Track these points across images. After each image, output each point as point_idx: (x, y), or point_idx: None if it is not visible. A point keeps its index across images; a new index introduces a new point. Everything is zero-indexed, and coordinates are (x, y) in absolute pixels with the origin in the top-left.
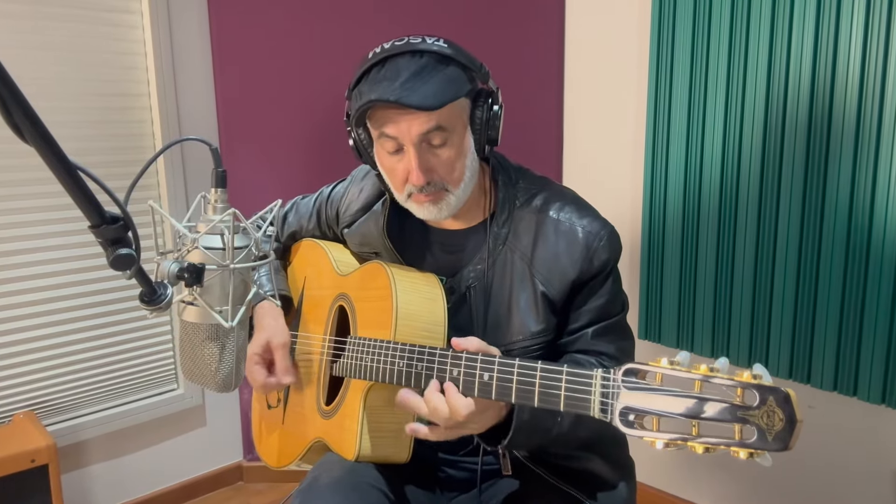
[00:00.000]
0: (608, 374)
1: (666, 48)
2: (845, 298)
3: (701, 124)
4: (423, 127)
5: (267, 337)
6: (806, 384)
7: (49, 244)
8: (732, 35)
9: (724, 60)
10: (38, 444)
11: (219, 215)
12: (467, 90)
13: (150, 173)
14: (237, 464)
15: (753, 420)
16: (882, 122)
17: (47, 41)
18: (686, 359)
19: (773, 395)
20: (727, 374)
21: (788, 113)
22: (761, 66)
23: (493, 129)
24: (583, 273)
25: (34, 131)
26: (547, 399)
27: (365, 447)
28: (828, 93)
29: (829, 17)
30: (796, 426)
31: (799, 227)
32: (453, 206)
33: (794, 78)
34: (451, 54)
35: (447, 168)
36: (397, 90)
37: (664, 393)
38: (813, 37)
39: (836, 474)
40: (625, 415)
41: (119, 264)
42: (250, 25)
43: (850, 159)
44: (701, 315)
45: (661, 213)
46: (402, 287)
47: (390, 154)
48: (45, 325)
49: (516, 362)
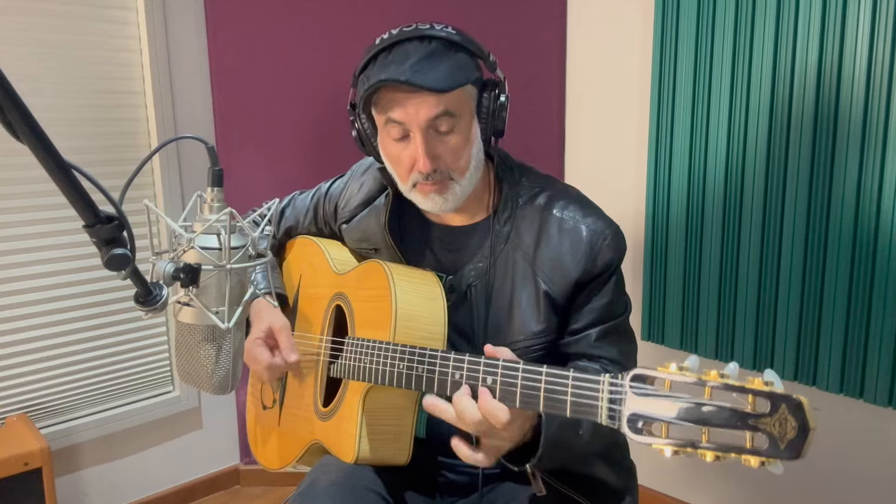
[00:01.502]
0: (616, 380)
1: (669, 44)
2: (851, 299)
3: (705, 120)
4: (431, 111)
5: (268, 323)
6: (811, 386)
7: (43, 244)
8: (737, 29)
9: (728, 54)
10: (32, 448)
11: (215, 215)
12: (475, 77)
13: (146, 172)
14: (234, 467)
15: (765, 428)
16: (889, 120)
17: (40, 37)
18: (695, 364)
19: (785, 402)
20: (738, 380)
21: (794, 109)
22: (766, 62)
23: (499, 119)
24: (586, 272)
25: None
26: (553, 404)
27: (364, 450)
28: (834, 89)
29: (835, 11)
30: (809, 434)
31: (804, 226)
32: (458, 197)
33: (800, 73)
34: (460, 41)
35: (454, 155)
36: (407, 71)
37: (673, 399)
38: (819, 31)
39: (842, 477)
40: (633, 421)
41: (114, 264)
42: (247, 22)
43: (857, 158)
44: (705, 316)
45: (665, 211)
46: (402, 287)
47: (396, 141)
48: (38, 326)
49: (521, 366)
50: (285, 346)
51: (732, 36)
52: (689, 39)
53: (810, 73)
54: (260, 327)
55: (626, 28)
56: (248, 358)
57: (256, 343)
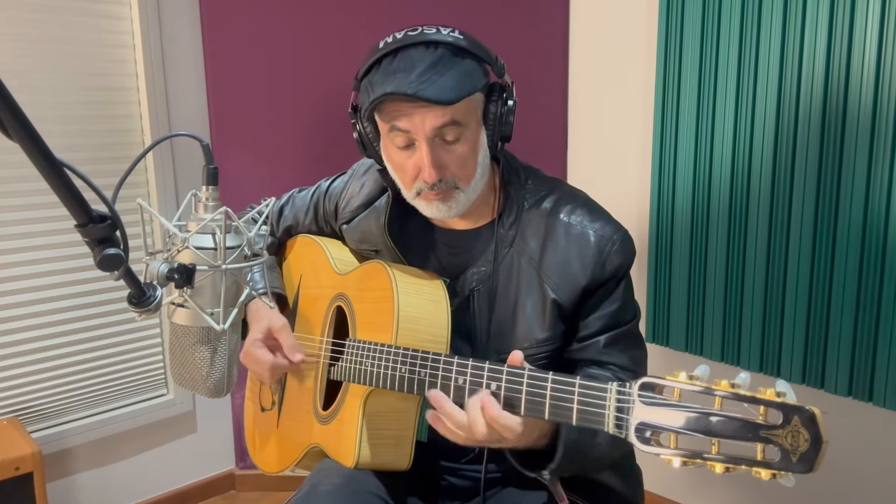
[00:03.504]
0: (624, 388)
1: (674, 44)
2: (860, 300)
3: (710, 119)
4: (437, 121)
5: (267, 323)
6: (820, 389)
7: (34, 244)
8: (743, 29)
9: (734, 54)
10: (23, 452)
11: (210, 214)
12: (482, 84)
13: (139, 170)
14: (229, 472)
15: (777, 440)
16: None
17: (31, 32)
18: (705, 373)
19: (798, 414)
20: (749, 390)
21: (801, 108)
22: (773, 62)
23: (506, 125)
24: (594, 279)
25: (18, 126)
26: (558, 412)
27: (364, 454)
28: (842, 90)
29: (843, 11)
30: (822, 447)
31: (812, 227)
32: (463, 205)
33: (808, 73)
34: (467, 46)
35: (459, 165)
36: (414, 83)
37: (683, 409)
38: (826, 31)
39: (851, 482)
40: (641, 431)
41: (106, 265)
42: (243, 16)
43: (865, 159)
44: (710, 318)
45: (670, 212)
46: (404, 288)
47: (400, 149)
48: (29, 327)
49: (526, 372)
50: (288, 345)
51: (738, 35)
52: (694, 37)
53: (818, 72)
54: (258, 328)
55: (629, 26)
56: (249, 360)
57: (256, 344)
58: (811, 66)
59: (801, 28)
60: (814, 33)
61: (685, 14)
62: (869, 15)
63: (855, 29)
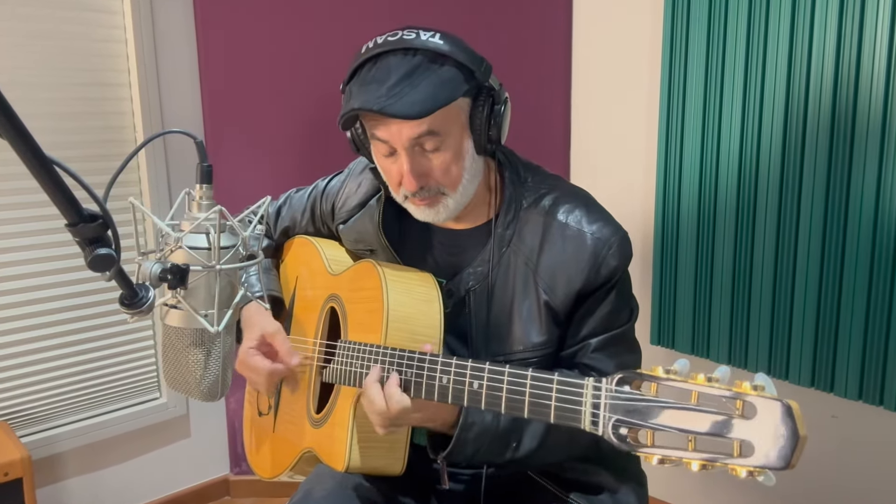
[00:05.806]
0: (599, 384)
1: (680, 38)
2: (871, 302)
3: (717, 118)
4: (413, 132)
5: (259, 330)
6: (829, 392)
7: (23, 244)
8: (751, 23)
9: (741, 51)
10: (12, 457)
11: (204, 213)
12: (464, 90)
13: (131, 168)
14: (223, 477)
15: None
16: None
17: (20, 28)
18: (684, 367)
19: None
20: (727, 384)
21: (810, 107)
22: (781, 60)
23: (494, 128)
24: (588, 283)
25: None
26: (537, 409)
27: (354, 458)
28: (852, 87)
29: (852, 7)
30: (799, 442)
31: (821, 227)
32: (452, 209)
33: (817, 70)
34: (447, 52)
35: (442, 172)
36: (383, 97)
37: (658, 404)
38: (836, 26)
39: (861, 487)
40: (617, 428)
41: (98, 265)
42: (237, 12)
43: (876, 159)
44: (717, 319)
45: (675, 211)
46: (394, 287)
47: (384, 156)
48: (18, 329)
49: (506, 370)
50: (283, 349)
51: (746, 32)
52: (700, 32)
53: (828, 66)
54: (251, 335)
55: (634, 23)
56: (245, 369)
57: (250, 353)
58: (821, 59)
59: (811, 21)
60: (823, 25)
61: (692, 6)
62: (880, 9)
63: (865, 22)
